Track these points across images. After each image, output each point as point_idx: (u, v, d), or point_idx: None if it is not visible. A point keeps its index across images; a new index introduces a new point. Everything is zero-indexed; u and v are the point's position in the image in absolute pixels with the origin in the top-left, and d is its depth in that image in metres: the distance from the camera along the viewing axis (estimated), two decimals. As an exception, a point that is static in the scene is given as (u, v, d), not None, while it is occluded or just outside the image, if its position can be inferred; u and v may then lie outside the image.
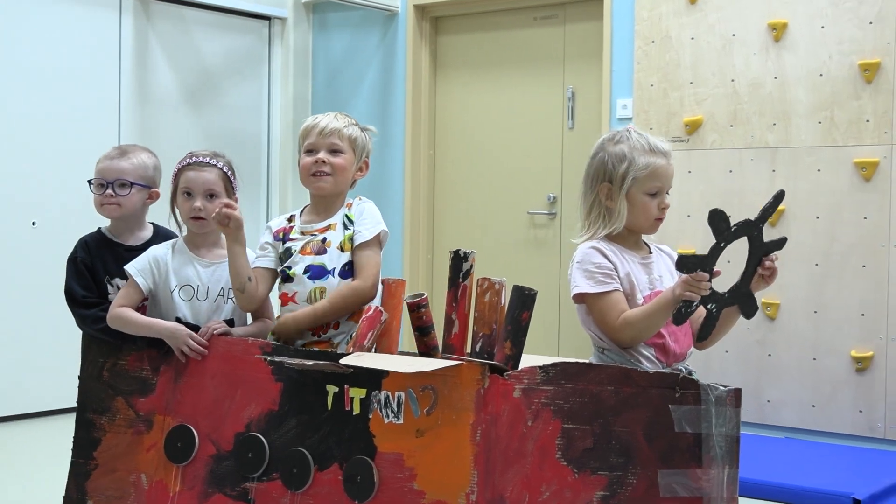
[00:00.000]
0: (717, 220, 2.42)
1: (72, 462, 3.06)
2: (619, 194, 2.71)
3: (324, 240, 2.98)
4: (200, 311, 3.01)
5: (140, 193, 3.23)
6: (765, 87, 5.55)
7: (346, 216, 3.02)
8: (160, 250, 3.08)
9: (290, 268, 2.97)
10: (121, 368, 3.01)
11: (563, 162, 6.49)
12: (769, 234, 2.54)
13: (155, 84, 6.55)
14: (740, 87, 5.62)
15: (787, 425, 5.42)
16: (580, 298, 2.71)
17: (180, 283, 3.03)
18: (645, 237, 2.85)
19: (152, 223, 3.34)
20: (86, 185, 3.27)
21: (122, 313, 3.00)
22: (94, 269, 3.16)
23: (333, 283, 2.92)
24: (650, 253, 2.80)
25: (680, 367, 2.64)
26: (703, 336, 2.58)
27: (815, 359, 5.38)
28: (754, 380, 5.49)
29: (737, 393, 2.29)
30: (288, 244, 3.01)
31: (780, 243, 2.55)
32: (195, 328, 2.94)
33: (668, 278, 2.75)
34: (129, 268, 3.04)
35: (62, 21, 6.02)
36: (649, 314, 2.58)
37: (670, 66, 5.83)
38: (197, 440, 2.84)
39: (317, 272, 2.94)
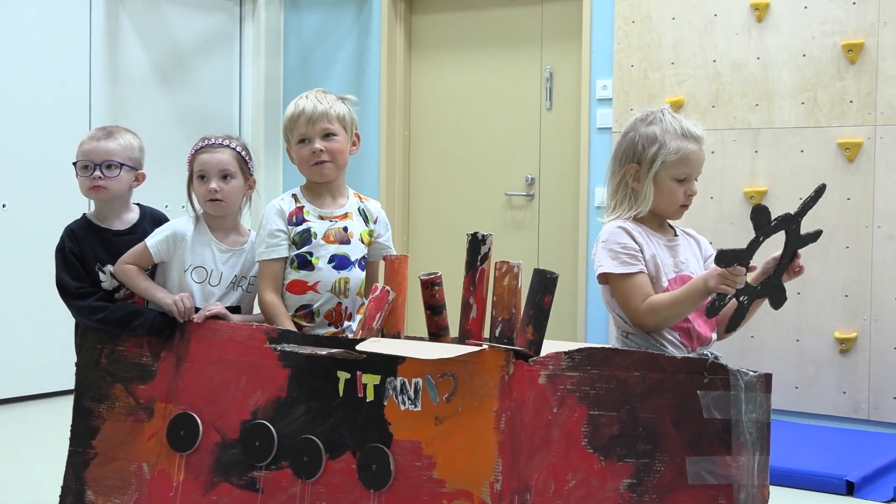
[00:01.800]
0: (760, 216, 2.39)
1: (69, 451, 2.96)
2: (647, 177, 2.65)
3: (345, 228, 2.90)
4: (211, 296, 2.95)
5: (128, 175, 3.16)
6: (747, 68, 5.52)
7: (361, 210, 2.97)
8: (182, 225, 3.02)
9: (311, 254, 2.88)
10: (119, 355, 2.93)
11: (542, 143, 6.43)
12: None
13: (126, 63, 6.42)
14: (722, 67, 5.59)
15: (769, 406, 5.41)
16: (604, 279, 2.66)
17: (195, 263, 2.97)
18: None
19: (138, 204, 3.27)
20: (57, 166, 3.19)
21: (129, 272, 2.97)
22: (83, 257, 3.07)
23: (355, 275, 2.85)
24: (675, 236, 2.75)
25: (706, 353, 2.59)
26: (732, 328, 2.54)
27: (798, 340, 5.38)
28: (737, 361, 5.42)
29: (767, 378, 2.27)
30: (305, 226, 2.91)
31: (815, 236, 2.52)
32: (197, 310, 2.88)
33: (693, 262, 2.70)
34: (148, 240, 2.99)
35: (31, -2, 5.88)
36: (677, 302, 2.54)
37: (651, 46, 5.79)
38: (201, 428, 2.77)
39: (341, 262, 2.86)
